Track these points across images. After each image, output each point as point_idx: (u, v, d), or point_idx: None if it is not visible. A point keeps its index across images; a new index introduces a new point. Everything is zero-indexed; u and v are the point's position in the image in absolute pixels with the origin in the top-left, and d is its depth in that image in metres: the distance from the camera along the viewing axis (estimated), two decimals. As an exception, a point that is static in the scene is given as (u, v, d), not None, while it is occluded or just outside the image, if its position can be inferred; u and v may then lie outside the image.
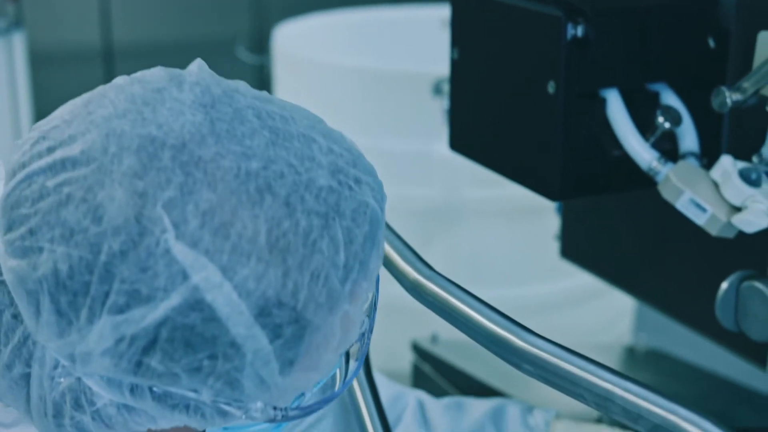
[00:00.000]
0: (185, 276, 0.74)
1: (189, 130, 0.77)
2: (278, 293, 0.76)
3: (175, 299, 0.74)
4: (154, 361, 0.76)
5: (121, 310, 0.75)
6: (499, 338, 0.88)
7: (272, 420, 0.81)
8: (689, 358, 1.71)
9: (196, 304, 0.75)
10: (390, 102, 2.19)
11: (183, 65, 0.85)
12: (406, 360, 1.71)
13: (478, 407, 1.27)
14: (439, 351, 1.63)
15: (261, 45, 3.85)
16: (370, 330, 0.85)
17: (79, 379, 0.79)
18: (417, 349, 1.67)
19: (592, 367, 0.82)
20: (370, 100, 2.22)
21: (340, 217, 0.79)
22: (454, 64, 1.29)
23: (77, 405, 0.80)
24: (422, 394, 1.29)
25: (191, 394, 0.78)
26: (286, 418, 0.81)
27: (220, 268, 0.75)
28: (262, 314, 0.76)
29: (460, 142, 1.31)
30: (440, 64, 1.46)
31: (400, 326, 1.93)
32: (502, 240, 2.14)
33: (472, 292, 0.95)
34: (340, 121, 2.44)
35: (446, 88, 1.35)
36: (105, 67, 4.03)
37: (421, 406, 1.26)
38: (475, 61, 1.26)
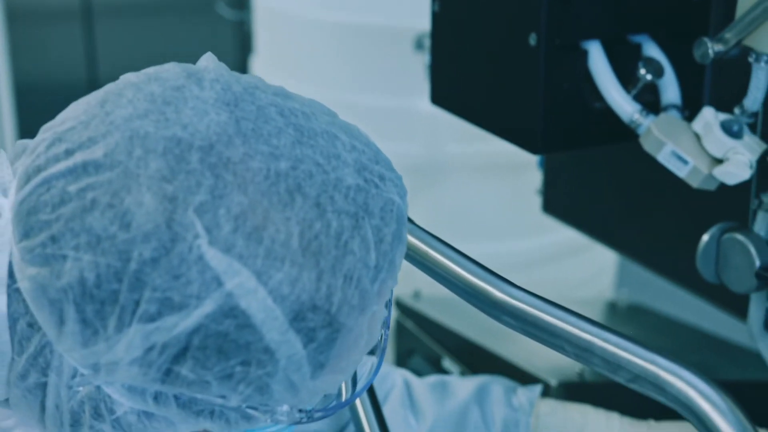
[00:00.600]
0: (219, 282, 0.72)
1: (215, 131, 0.75)
2: (312, 297, 0.74)
3: (208, 306, 0.72)
4: (185, 369, 0.74)
5: (152, 318, 0.72)
6: (478, 290, 0.88)
7: (297, 422, 0.80)
8: (671, 313, 1.71)
9: (230, 310, 0.73)
10: (371, 57, 2.18)
11: (164, 22, 0.83)
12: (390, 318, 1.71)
13: (462, 388, 1.26)
14: (421, 307, 1.63)
15: (241, 1, 3.82)
16: (388, 323, 0.83)
17: (98, 387, 0.77)
18: (400, 306, 1.67)
19: (572, 319, 0.82)
20: (352, 55, 2.21)
21: (369, 216, 0.77)
22: (436, 18, 1.28)
23: (97, 414, 0.78)
24: (408, 374, 1.28)
25: (218, 400, 0.76)
26: (311, 420, 0.80)
27: (254, 274, 0.73)
28: (296, 319, 0.74)
29: (441, 96, 1.30)
30: (422, 19, 1.44)
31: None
32: (484, 196, 2.13)
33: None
34: (321, 77, 2.42)
35: (428, 43, 1.33)
36: (84, 26, 4.00)
37: (408, 388, 1.25)
38: (457, 14, 1.24)
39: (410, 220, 0.95)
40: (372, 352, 0.83)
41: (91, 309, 0.73)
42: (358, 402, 1.12)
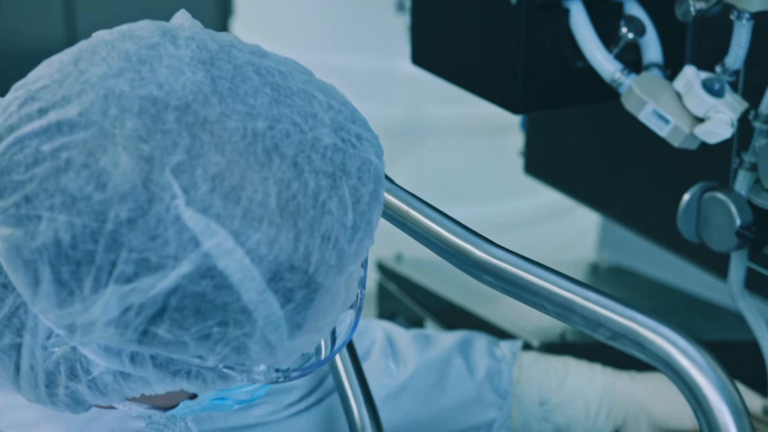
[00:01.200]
0: (196, 243, 0.72)
1: (191, 90, 0.74)
2: (290, 257, 0.74)
3: (185, 267, 0.72)
4: (162, 330, 0.74)
5: (129, 279, 0.72)
6: (458, 249, 0.88)
7: (274, 382, 0.80)
8: (652, 274, 1.72)
9: (208, 271, 0.73)
10: (352, 18, 2.16)
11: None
12: (371, 279, 1.71)
13: (445, 339, 1.27)
14: (403, 269, 1.63)
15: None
16: (364, 282, 0.84)
17: (74, 348, 0.77)
18: (382, 268, 1.67)
19: (552, 277, 0.82)
20: (333, 16, 2.19)
21: (346, 176, 0.77)
22: (416, -23, 1.27)
23: (72, 374, 0.78)
24: (390, 326, 1.28)
25: (195, 361, 0.76)
26: (288, 379, 0.81)
27: (231, 234, 0.73)
28: (274, 279, 0.74)
29: (422, 57, 1.29)
30: (402, -21, 1.43)
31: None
32: (466, 159, 2.13)
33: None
34: (302, 38, 2.41)
35: (409, 3, 1.32)
36: (63, -10, 3.95)
37: (390, 339, 1.25)
38: (437, -28, 1.23)
39: (390, 180, 0.94)
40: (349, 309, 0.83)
41: (66, 270, 0.72)
42: (338, 360, 1.12)
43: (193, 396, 0.84)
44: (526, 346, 1.29)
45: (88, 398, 0.80)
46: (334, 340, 0.86)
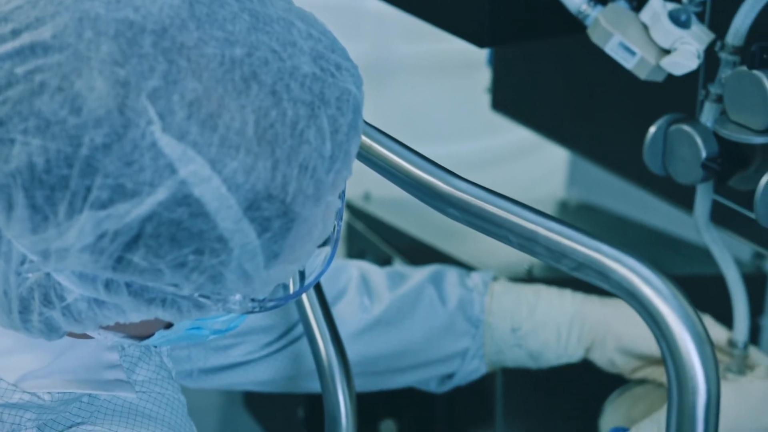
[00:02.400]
0: (172, 170, 0.72)
1: (168, 14, 0.73)
2: (267, 186, 0.74)
3: (161, 194, 0.72)
4: (137, 257, 0.73)
5: (103, 205, 0.72)
6: (422, 182, 0.87)
7: (250, 311, 0.80)
8: (621, 211, 1.72)
9: (184, 198, 0.72)
10: (317, -45, 2.13)
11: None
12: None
13: (417, 273, 1.28)
14: (371, 208, 1.63)
15: None
16: (341, 214, 0.83)
17: (48, 274, 0.76)
18: (350, 208, 1.67)
19: (516, 208, 0.81)
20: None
21: (325, 105, 0.76)
22: None
23: (46, 301, 0.78)
24: (365, 264, 1.29)
25: (171, 289, 0.76)
26: (263, 309, 0.80)
27: (208, 162, 0.72)
28: (251, 208, 0.74)
29: (387, -9, 1.27)
30: None
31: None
32: (434, 96, 2.12)
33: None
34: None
35: (374, -62, 1.31)
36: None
37: (364, 277, 1.26)
38: None
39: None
40: (325, 243, 0.82)
41: (40, 195, 0.72)
42: (305, 299, 1.12)
43: (169, 325, 0.84)
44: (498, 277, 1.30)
45: (62, 325, 0.80)
46: (304, 275, 0.85)
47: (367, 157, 0.93)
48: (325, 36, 0.80)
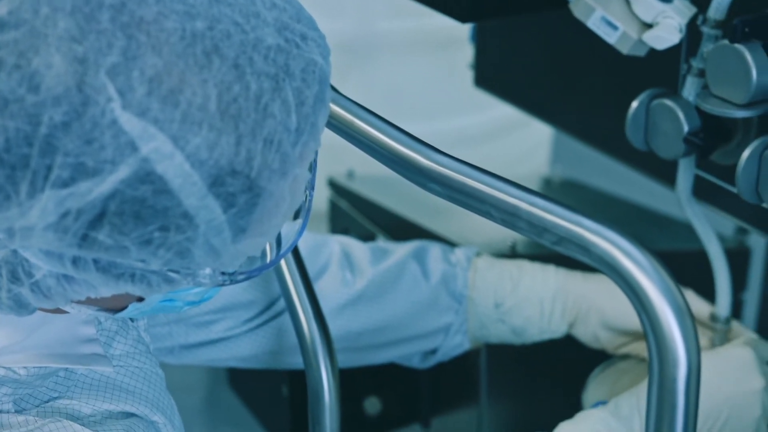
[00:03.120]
0: (134, 147, 0.71)
1: None
2: (231, 161, 0.73)
3: (123, 172, 0.71)
4: (102, 235, 0.73)
5: (65, 184, 0.71)
6: (404, 158, 0.87)
7: (220, 285, 0.79)
8: (605, 188, 1.72)
9: (147, 176, 0.71)
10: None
11: None
12: (323, 197, 1.70)
13: (400, 248, 1.27)
14: (355, 186, 1.63)
15: None
16: (312, 185, 0.83)
17: (15, 251, 0.76)
18: (333, 185, 1.66)
19: (497, 183, 0.81)
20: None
21: (290, 78, 0.75)
22: None
23: (14, 278, 0.77)
24: (347, 240, 1.28)
25: (139, 264, 0.75)
26: (234, 282, 0.80)
27: (170, 138, 0.71)
28: (215, 184, 0.73)
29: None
30: None
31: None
32: (418, 74, 2.11)
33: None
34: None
35: None
36: None
37: (346, 252, 1.26)
38: None
39: (335, 89, 0.93)
40: (297, 215, 0.82)
41: (1, 174, 0.71)
42: (287, 274, 1.11)
43: (142, 298, 0.84)
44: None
45: (31, 301, 0.79)
46: (280, 243, 0.85)
47: (348, 132, 0.92)
48: (290, 5, 0.79)
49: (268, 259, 0.85)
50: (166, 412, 0.94)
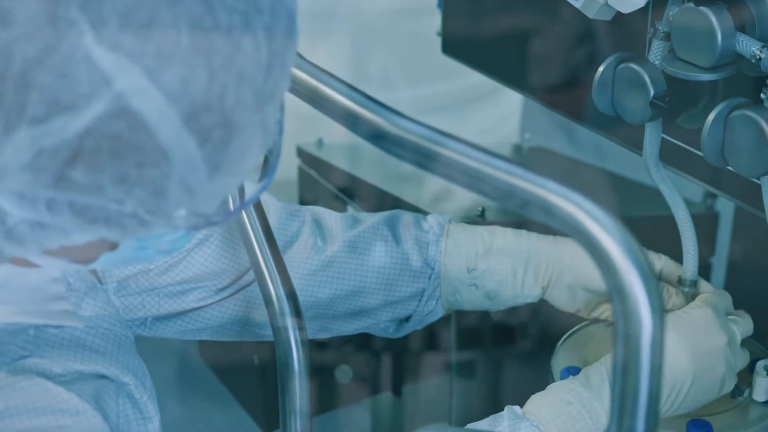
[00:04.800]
0: (108, 82, 0.70)
1: None
2: (205, 96, 0.72)
3: (98, 107, 0.70)
4: (78, 173, 0.72)
5: (40, 120, 0.70)
6: (368, 122, 0.86)
7: (195, 227, 0.79)
8: (574, 155, 1.73)
9: (122, 111, 0.71)
10: None
11: None
12: (292, 166, 1.69)
13: (372, 216, 1.27)
14: (324, 155, 1.62)
15: None
16: (282, 126, 0.82)
17: None
18: (302, 154, 1.66)
19: (462, 147, 0.81)
20: None
21: (259, 13, 0.75)
22: None
23: None
24: (319, 209, 1.28)
25: (114, 206, 0.75)
26: (209, 224, 0.79)
27: (144, 72, 0.70)
28: (190, 119, 0.72)
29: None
30: None
31: (286, 133, 1.90)
32: (386, 43, 2.11)
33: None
34: None
35: None
36: None
37: (318, 220, 1.25)
38: None
39: (300, 56, 0.92)
40: (267, 159, 0.82)
41: None
42: (255, 244, 1.11)
43: (114, 248, 0.83)
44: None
45: (5, 249, 0.78)
46: (243, 192, 0.85)
47: (314, 99, 0.92)
48: None
49: (236, 204, 0.84)
50: (137, 373, 0.94)
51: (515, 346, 1.37)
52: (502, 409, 1.07)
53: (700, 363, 1.09)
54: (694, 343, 1.09)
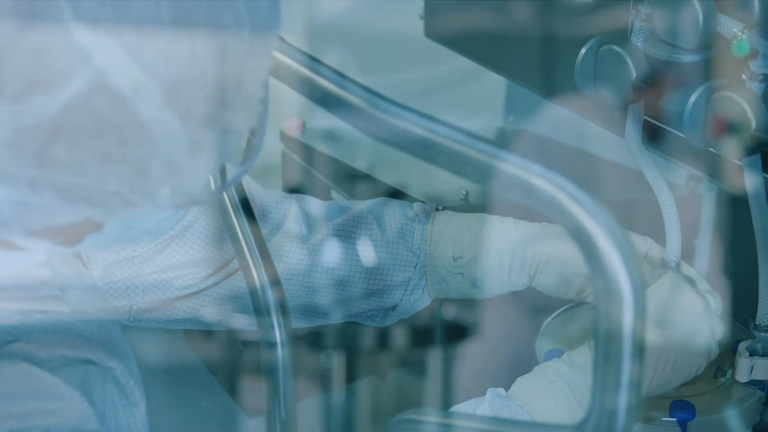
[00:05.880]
0: (88, 58, 0.69)
1: None
2: (187, 73, 0.72)
3: (78, 83, 0.69)
4: (59, 151, 0.71)
5: (19, 98, 0.69)
6: (349, 105, 0.86)
7: (180, 206, 0.78)
8: (558, 138, 1.72)
9: (102, 87, 0.70)
10: None
11: None
12: (276, 151, 1.69)
13: (357, 204, 1.27)
14: (307, 139, 1.62)
15: None
16: (266, 103, 0.81)
17: None
18: (285, 139, 1.66)
19: (443, 129, 0.80)
20: None
21: None
22: None
23: None
24: (304, 197, 1.27)
25: (97, 185, 0.74)
26: (194, 203, 0.79)
27: (124, 49, 0.70)
28: (171, 95, 0.72)
29: None
30: None
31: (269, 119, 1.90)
32: (368, 26, 2.10)
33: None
34: None
35: None
36: None
37: (303, 208, 1.25)
38: None
39: (282, 40, 0.92)
40: (251, 136, 0.81)
41: None
42: (239, 232, 1.11)
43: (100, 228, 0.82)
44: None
45: None
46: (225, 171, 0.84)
47: (294, 82, 0.91)
48: None
49: (218, 183, 0.84)
50: (123, 359, 0.94)
51: (500, 330, 1.37)
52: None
53: (684, 331, 1.09)
54: (676, 311, 1.10)
